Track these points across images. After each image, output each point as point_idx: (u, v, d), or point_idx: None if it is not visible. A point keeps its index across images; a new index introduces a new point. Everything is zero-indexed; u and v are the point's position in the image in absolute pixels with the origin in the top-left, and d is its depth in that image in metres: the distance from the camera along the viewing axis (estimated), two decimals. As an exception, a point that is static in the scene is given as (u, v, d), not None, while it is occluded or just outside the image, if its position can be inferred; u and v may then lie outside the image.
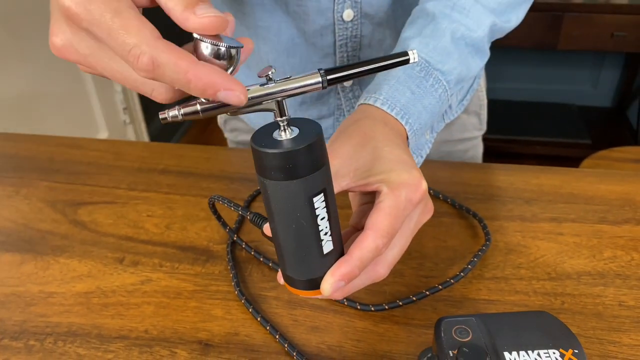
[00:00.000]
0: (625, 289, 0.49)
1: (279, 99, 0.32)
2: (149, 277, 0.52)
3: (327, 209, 0.33)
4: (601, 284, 0.50)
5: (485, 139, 0.82)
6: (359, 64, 0.33)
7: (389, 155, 0.39)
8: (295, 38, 0.62)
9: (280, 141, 0.32)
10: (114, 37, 0.28)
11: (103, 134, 1.87)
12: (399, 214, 0.36)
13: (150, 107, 2.11)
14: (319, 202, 0.33)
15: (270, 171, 0.32)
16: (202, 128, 2.50)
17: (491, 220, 0.57)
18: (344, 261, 0.35)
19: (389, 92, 0.44)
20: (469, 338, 0.37)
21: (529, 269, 0.51)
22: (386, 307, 0.47)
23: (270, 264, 0.52)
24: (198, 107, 0.32)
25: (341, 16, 0.59)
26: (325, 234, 0.34)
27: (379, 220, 0.36)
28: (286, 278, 0.37)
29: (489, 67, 0.83)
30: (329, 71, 0.32)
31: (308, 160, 0.31)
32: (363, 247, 0.35)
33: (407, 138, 0.44)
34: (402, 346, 0.45)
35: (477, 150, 0.81)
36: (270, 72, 0.32)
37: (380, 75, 0.47)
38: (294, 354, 0.43)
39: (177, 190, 0.63)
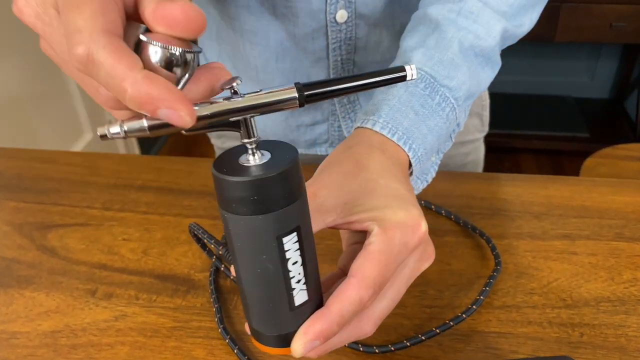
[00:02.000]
0: (649, 317, 0.45)
1: (246, 116, 0.27)
2: (124, 312, 0.47)
3: (300, 252, 0.28)
4: (622, 312, 0.45)
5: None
6: (347, 78, 0.27)
7: (384, 189, 0.33)
8: (285, 42, 0.56)
9: (246, 167, 0.26)
10: (64, 12, 0.24)
11: (87, 136, 1.81)
12: (391, 261, 0.30)
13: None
14: (290, 242, 0.27)
15: (232, 203, 0.26)
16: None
17: (499, 239, 0.52)
18: (320, 316, 0.29)
19: (389, 114, 0.39)
20: (483, 394, 0.32)
21: (542, 295, 0.47)
22: (392, 348, 0.42)
23: None
24: (144, 123, 0.25)
25: (334, 17, 0.53)
26: (298, 281, 0.29)
27: (365, 267, 0.30)
28: (252, 331, 0.31)
29: None
30: (307, 86, 0.27)
31: (278, 192, 0.26)
32: (344, 299, 0.29)
33: (410, 165, 0.39)
34: (405, 391, 0.40)
35: (478, 153, 0.76)
36: (235, 84, 0.26)
37: (378, 92, 0.41)
38: (285, 404, 0.39)
39: (156, 209, 0.58)
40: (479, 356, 0.42)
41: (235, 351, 0.42)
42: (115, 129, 0.26)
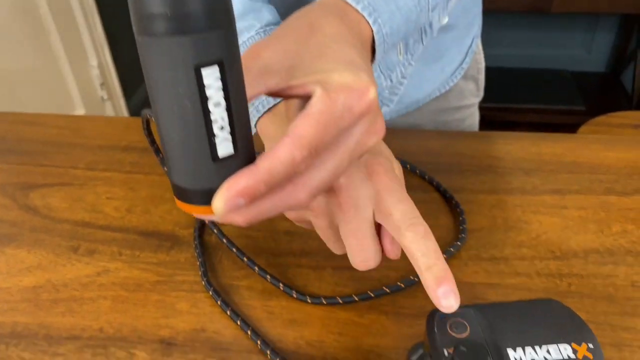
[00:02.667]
0: (638, 267, 0.44)
1: None
2: (107, 268, 0.46)
3: (224, 94, 0.25)
4: (611, 263, 0.45)
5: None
6: None
7: (335, 53, 0.30)
8: None
9: None
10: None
11: (80, 112, 1.79)
12: (331, 123, 0.27)
13: (129, 82, 2.03)
14: (211, 78, 0.24)
15: (143, 21, 0.23)
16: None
17: (488, 194, 0.52)
18: (246, 172, 0.26)
19: None
20: (466, 334, 0.32)
21: (531, 248, 0.46)
22: (372, 295, 0.42)
23: (245, 259, 0.45)
24: None
25: None
26: (221, 128, 0.26)
27: (301, 127, 0.26)
28: (175, 189, 0.28)
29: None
30: None
31: (197, 10, 0.23)
32: (275, 157, 0.26)
33: (374, 44, 0.36)
34: (390, 340, 0.39)
35: (474, 118, 0.75)
36: None
37: None
38: (268, 352, 0.38)
39: (141, 168, 0.57)
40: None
41: (219, 302, 0.42)
42: None
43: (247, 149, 0.28)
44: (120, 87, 1.97)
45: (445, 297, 0.31)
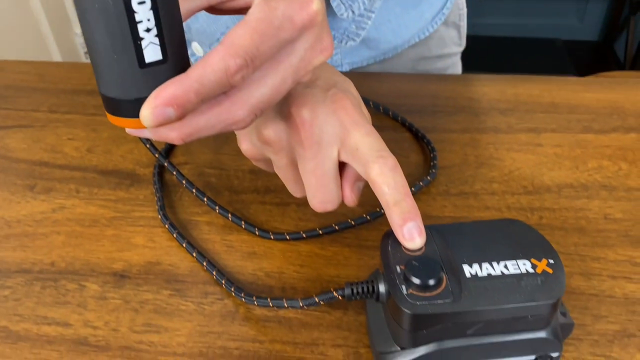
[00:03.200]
0: (611, 200, 0.43)
1: None
2: (62, 205, 0.44)
3: None
4: (585, 197, 0.43)
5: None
6: None
7: None
8: None
9: None
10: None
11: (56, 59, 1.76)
12: (269, 32, 0.26)
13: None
14: None
15: None
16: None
17: (461, 133, 0.50)
18: (175, 80, 0.24)
19: None
20: (420, 252, 0.30)
21: (502, 183, 0.45)
22: (337, 227, 0.40)
23: (205, 199, 0.43)
24: None
25: None
26: (147, 30, 0.24)
27: (236, 34, 0.25)
28: (104, 101, 0.27)
29: (471, 1, 0.74)
30: None
31: None
32: (207, 64, 0.24)
33: None
34: (351, 270, 0.38)
35: (456, 68, 0.73)
36: None
37: None
38: (223, 281, 0.37)
39: (104, 111, 0.55)
40: (432, 238, 0.40)
41: (175, 235, 0.40)
42: None
43: (179, 57, 0.26)
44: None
45: (410, 236, 0.30)
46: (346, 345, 0.33)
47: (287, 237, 0.40)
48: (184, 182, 0.43)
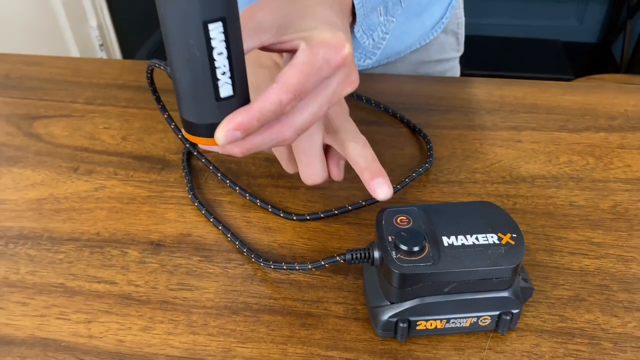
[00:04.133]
0: (577, 190, 0.50)
1: None
2: (103, 185, 0.51)
3: (226, 44, 0.31)
4: (554, 186, 0.50)
5: (468, 75, 0.81)
6: None
7: (318, 14, 0.36)
8: None
9: None
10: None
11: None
12: (312, 73, 0.33)
13: (127, 45, 2.05)
14: (216, 32, 0.30)
15: None
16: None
17: (451, 130, 0.57)
18: (242, 110, 0.32)
19: None
20: (409, 225, 0.37)
21: (484, 174, 0.51)
22: (336, 212, 0.47)
23: (227, 182, 0.50)
24: None
25: None
26: (223, 73, 0.31)
27: (287, 75, 0.32)
28: (184, 123, 0.34)
29: (469, 1, 0.80)
30: None
31: None
32: (265, 99, 0.32)
33: (354, 8, 0.42)
34: (351, 243, 0.45)
35: (455, 72, 0.79)
36: None
37: None
38: (244, 250, 0.44)
39: (135, 104, 0.62)
40: (421, 219, 0.47)
41: (203, 212, 0.47)
42: None
43: (244, 92, 0.34)
44: (120, 48, 2.00)
45: (379, 186, 0.38)
46: (346, 303, 0.40)
47: (294, 218, 0.47)
48: (210, 167, 0.50)
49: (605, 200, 0.48)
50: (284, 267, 0.41)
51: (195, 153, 0.52)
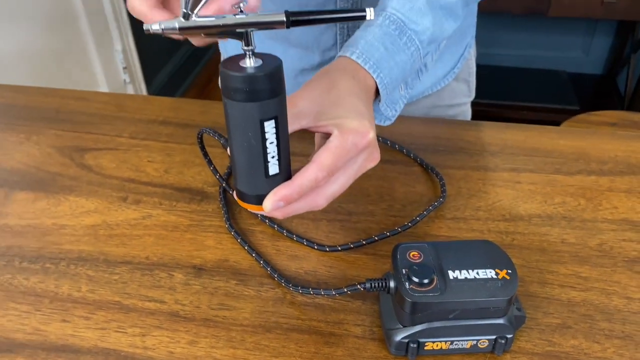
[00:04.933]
0: (569, 229, 0.56)
1: (247, 29, 0.36)
2: (150, 213, 0.58)
3: (276, 135, 0.38)
4: (548, 225, 0.56)
5: (475, 103, 0.87)
6: (322, 12, 0.38)
7: (348, 104, 0.44)
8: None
9: (244, 67, 0.37)
10: None
11: (103, 89, 1.91)
12: (343, 155, 0.41)
13: (149, 67, 2.15)
14: (270, 127, 0.38)
15: (231, 92, 0.37)
16: (200, 90, 2.54)
17: (457, 170, 0.63)
18: (286, 185, 0.40)
19: (364, 47, 0.49)
20: (420, 260, 0.44)
21: (486, 212, 0.58)
22: (352, 245, 0.53)
23: (258, 215, 0.57)
24: (176, 24, 0.36)
25: None
26: (273, 157, 0.39)
27: (323, 156, 0.40)
28: (238, 192, 0.43)
29: (480, 32, 0.87)
30: (293, 14, 0.37)
31: (265, 87, 0.36)
32: (304, 176, 0.40)
33: (378, 91, 0.49)
34: (369, 272, 0.52)
35: (465, 115, 0.85)
36: (241, 4, 0.36)
37: (359, 31, 0.51)
38: (275, 276, 0.50)
39: (175, 139, 0.69)
40: (429, 251, 0.53)
41: (239, 241, 0.54)
42: (155, 27, 0.37)
43: (287, 169, 0.42)
44: (142, 71, 2.09)
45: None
46: (364, 325, 0.47)
47: (315, 247, 0.54)
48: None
49: (593, 238, 0.55)
50: (311, 292, 0.47)
51: (231, 192, 0.59)
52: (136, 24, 2.00)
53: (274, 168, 0.40)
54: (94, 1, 1.81)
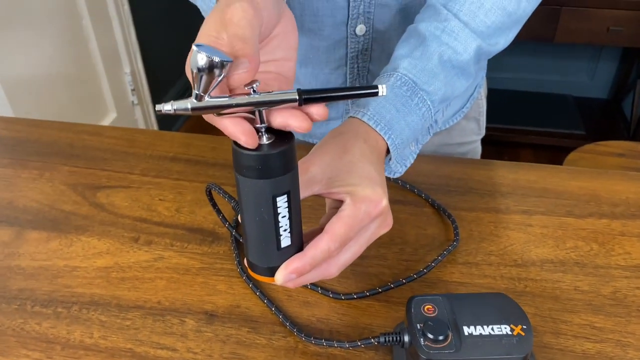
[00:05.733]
0: (581, 275, 0.56)
1: (260, 108, 0.36)
2: (162, 255, 0.58)
3: (288, 209, 0.39)
4: (561, 271, 0.56)
5: None
6: (335, 89, 0.38)
7: (360, 170, 0.43)
8: (308, 53, 0.66)
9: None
10: None
11: (112, 114, 1.93)
12: (355, 224, 0.41)
13: (157, 89, 2.17)
14: (282, 201, 0.38)
15: (243, 169, 0.37)
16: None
17: (469, 212, 0.63)
18: (298, 257, 0.40)
19: (376, 108, 0.49)
20: (434, 314, 0.43)
21: (498, 256, 0.58)
22: (367, 294, 0.53)
23: None
24: (189, 105, 0.36)
25: (354, 31, 0.63)
26: (285, 230, 0.39)
27: (335, 227, 0.40)
28: (248, 262, 0.43)
29: None
30: (305, 92, 0.37)
31: (277, 165, 0.36)
32: (317, 247, 0.40)
33: (389, 151, 0.49)
34: (381, 320, 0.51)
35: (475, 153, 0.85)
36: (254, 85, 0.36)
37: None
38: (287, 324, 0.50)
39: (186, 177, 0.70)
40: (442, 298, 0.53)
41: (250, 285, 0.54)
42: (167, 107, 0.36)
43: (299, 240, 0.42)
44: (150, 93, 2.11)
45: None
46: (377, 377, 0.47)
47: (330, 295, 0.53)
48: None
49: (607, 286, 0.55)
50: (324, 343, 0.47)
51: (240, 239, 0.59)
52: (144, 46, 2.02)
53: (285, 241, 0.40)
54: (104, 24, 1.83)
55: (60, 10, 1.63)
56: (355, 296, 0.53)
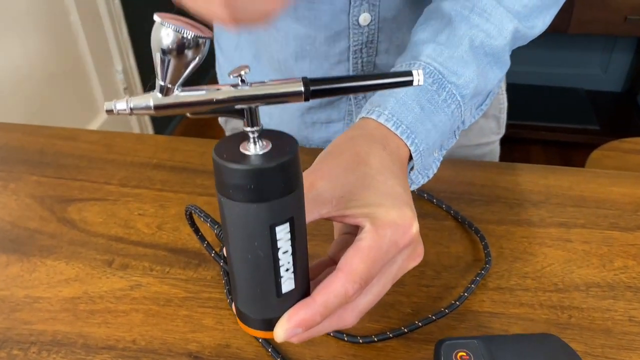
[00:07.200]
0: (636, 302, 0.47)
1: (250, 105, 0.27)
2: (139, 282, 0.50)
3: (292, 242, 0.28)
4: (611, 297, 0.47)
5: None
6: (354, 78, 0.28)
7: (381, 186, 0.33)
8: (305, 44, 0.57)
9: (246, 155, 0.26)
10: None
11: (103, 115, 1.84)
12: (379, 258, 0.31)
13: (151, 88, 2.08)
14: (282, 232, 0.28)
15: (228, 189, 0.26)
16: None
17: (497, 225, 0.55)
18: (304, 305, 0.30)
19: (395, 107, 0.39)
20: (469, 363, 0.35)
21: (535, 279, 0.49)
22: (390, 335, 0.44)
23: None
24: (151, 102, 0.27)
25: (357, 20, 0.54)
26: (287, 270, 0.29)
27: (354, 262, 0.30)
28: (238, 311, 0.32)
29: None
30: (314, 81, 0.27)
31: (276, 183, 0.26)
32: (330, 291, 0.29)
33: (411, 158, 0.40)
34: (400, 363, 0.43)
35: (494, 155, 0.76)
36: (243, 72, 0.27)
37: None
38: (287, 370, 0.41)
39: (171, 187, 0.61)
40: (472, 334, 0.44)
41: (242, 321, 0.45)
42: (121, 105, 0.27)
43: (305, 282, 0.31)
44: (143, 91, 2.02)
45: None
46: None
47: (345, 339, 0.44)
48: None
49: (667, 315, 0.46)
50: (332, 397, 0.38)
51: (221, 264, 0.50)
52: (136, 43, 1.93)
53: (288, 284, 0.30)
54: (93, 21, 1.74)
55: (45, 5, 1.54)
56: (375, 339, 0.44)
